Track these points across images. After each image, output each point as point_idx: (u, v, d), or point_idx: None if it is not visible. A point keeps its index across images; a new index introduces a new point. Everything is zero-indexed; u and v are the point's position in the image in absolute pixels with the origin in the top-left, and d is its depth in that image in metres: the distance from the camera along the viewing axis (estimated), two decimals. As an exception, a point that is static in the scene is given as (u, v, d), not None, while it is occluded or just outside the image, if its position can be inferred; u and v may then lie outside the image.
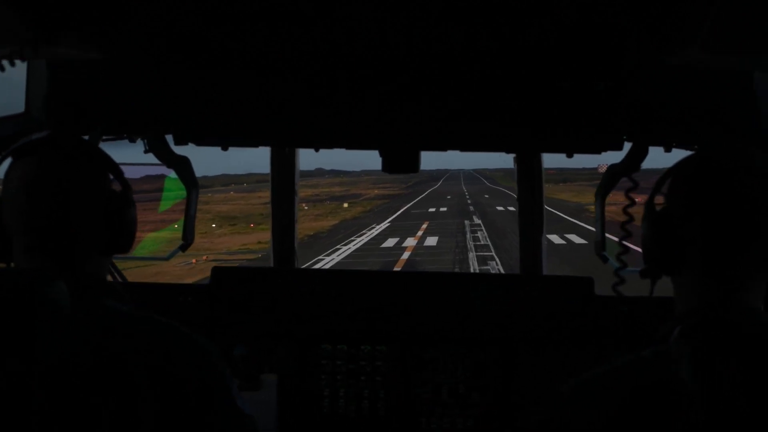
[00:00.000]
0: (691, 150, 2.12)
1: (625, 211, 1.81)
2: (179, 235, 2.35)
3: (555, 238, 24.86)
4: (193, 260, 20.49)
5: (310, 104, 2.02)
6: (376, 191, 71.35)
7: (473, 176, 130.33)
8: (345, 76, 2.00)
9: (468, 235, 28.09)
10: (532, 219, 2.87)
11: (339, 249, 25.08)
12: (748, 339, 1.17)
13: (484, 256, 21.74)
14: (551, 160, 2.10)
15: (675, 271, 1.34)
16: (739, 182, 1.27)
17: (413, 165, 2.20)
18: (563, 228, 27.69)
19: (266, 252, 24.10)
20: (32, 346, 1.24)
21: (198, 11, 1.54)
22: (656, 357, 1.24)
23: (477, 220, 34.98)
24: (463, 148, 2.08)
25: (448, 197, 59.73)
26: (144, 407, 1.30)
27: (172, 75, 2.03)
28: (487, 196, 58.62)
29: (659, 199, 1.39)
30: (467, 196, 59.67)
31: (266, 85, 2.01)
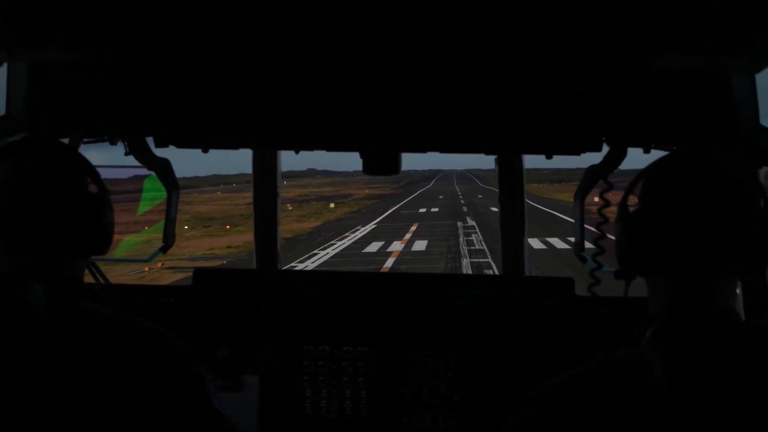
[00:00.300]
0: (669, 151, 2.14)
1: (599, 212, 1.83)
2: (154, 236, 2.35)
3: (557, 242, 23.69)
4: (146, 268, 18.79)
5: (289, 106, 2.01)
6: (366, 191, 70.30)
7: (466, 176, 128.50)
8: (324, 78, 1.99)
9: (461, 239, 26.66)
10: (513, 219, 2.89)
11: (316, 254, 23.43)
12: (719, 340, 1.18)
13: (480, 263, 20.20)
14: (544, 161, 2.11)
15: (648, 272, 1.35)
16: (710, 184, 1.28)
17: (394, 166, 2.20)
18: (564, 231, 25.58)
19: (234, 258, 22.12)
20: (8, 347, 1.24)
21: (178, 14, 1.54)
22: (630, 359, 1.25)
23: (471, 222, 33.42)
24: (443, 149, 2.08)
25: (441, 197, 58.36)
26: (118, 408, 1.30)
27: (152, 77, 2.02)
28: (480, 196, 56.85)
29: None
30: (460, 196, 58.22)
31: (246, 88, 2.01)
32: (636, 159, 2.15)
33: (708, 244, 1.26)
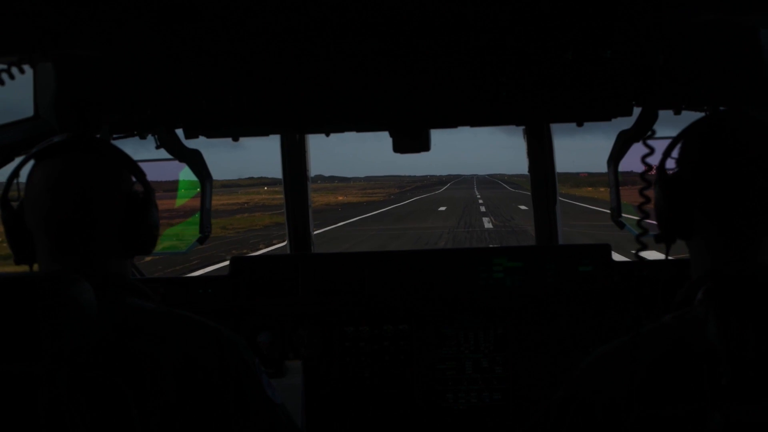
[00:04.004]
0: (700, 112, 2.13)
1: (642, 177, 1.82)
2: None
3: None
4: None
5: (318, 88, 2.02)
6: (340, 198, 57.78)
7: (490, 181, 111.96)
8: (351, 58, 2.00)
9: None
10: (545, 190, 2.91)
11: None
12: None
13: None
14: (576, 166, 1.98)
15: (688, 235, 1.34)
16: (746, 142, 1.27)
17: (424, 143, 2.19)
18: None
19: None
20: (57, 346, 1.24)
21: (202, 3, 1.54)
22: (679, 322, 1.24)
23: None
24: (473, 123, 2.08)
25: (441, 209, 37.00)
26: (171, 403, 1.30)
27: (179, 69, 2.03)
28: (524, 207, 33.76)
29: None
30: (482, 207, 37.47)
31: (274, 73, 2.02)
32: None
33: (748, 202, 1.26)
